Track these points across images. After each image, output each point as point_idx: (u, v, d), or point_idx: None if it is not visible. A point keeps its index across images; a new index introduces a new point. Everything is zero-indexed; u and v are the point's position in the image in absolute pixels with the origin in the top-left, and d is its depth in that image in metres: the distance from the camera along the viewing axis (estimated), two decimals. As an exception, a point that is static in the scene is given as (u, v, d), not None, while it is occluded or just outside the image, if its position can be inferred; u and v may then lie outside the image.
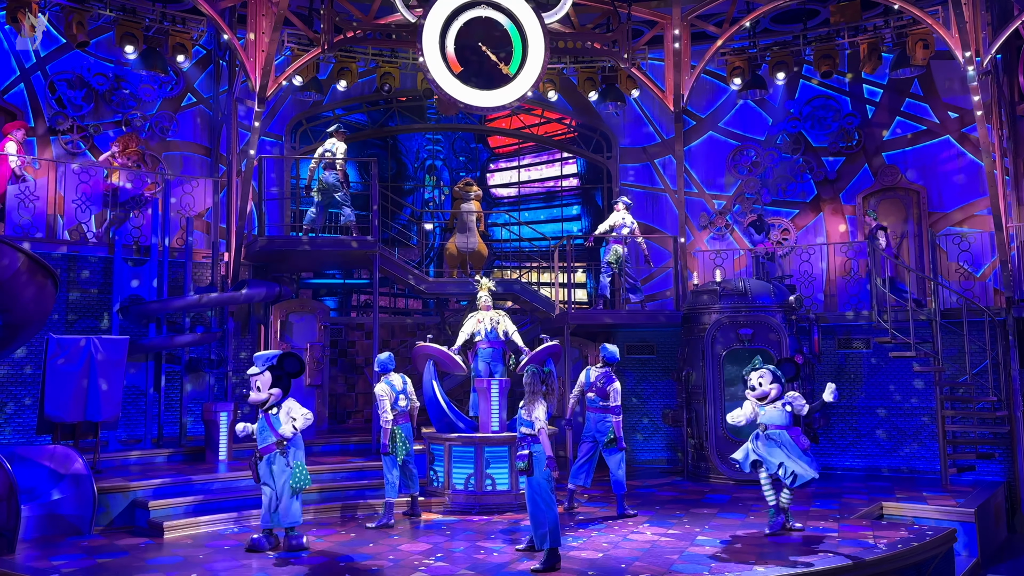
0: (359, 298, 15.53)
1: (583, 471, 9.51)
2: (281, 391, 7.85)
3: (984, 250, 12.69)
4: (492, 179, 16.49)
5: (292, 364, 7.89)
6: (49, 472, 8.47)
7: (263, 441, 7.79)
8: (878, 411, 12.47)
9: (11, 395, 10.85)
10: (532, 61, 12.45)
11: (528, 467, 7.01)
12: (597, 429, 9.43)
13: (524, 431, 7.21)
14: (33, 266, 7.97)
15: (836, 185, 14.08)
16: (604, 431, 9.34)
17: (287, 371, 7.87)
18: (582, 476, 9.51)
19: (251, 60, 12.43)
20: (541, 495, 7.03)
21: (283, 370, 7.86)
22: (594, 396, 9.45)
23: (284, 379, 7.86)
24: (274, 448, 7.72)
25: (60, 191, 12.09)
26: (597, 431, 9.43)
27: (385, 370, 9.23)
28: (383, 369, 9.25)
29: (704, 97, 14.71)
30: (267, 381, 7.80)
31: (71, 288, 11.25)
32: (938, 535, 7.96)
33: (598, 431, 9.42)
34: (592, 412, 9.52)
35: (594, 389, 9.43)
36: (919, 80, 13.57)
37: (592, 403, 9.50)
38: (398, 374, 9.30)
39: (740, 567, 6.95)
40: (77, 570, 6.93)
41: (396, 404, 9.02)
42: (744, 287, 11.91)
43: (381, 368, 9.28)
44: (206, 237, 13.30)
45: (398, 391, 9.09)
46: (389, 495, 8.98)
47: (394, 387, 9.08)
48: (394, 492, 9.00)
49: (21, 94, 12.54)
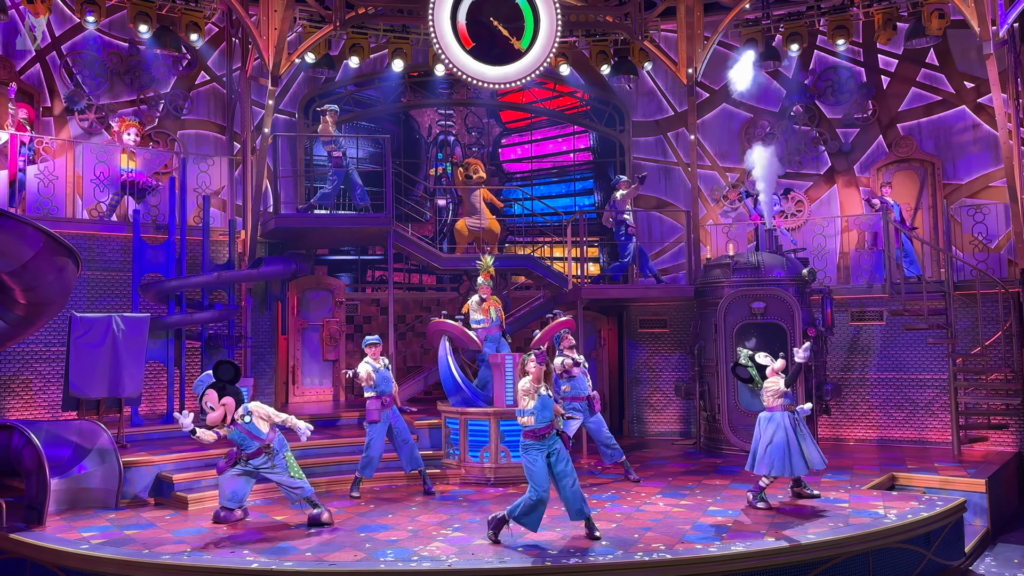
0: (374, 274, 15.67)
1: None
2: (232, 399, 7.72)
3: (999, 221, 12.64)
4: (504, 154, 16.51)
5: (226, 371, 7.76)
6: (76, 447, 8.69)
7: (249, 448, 7.84)
8: (891, 383, 12.53)
9: (37, 372, 11.10)
10: (544, 35, 12.43)
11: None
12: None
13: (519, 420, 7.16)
14: (54, 246, 8.14)
15: (850, 157, 14.01)
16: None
17: (224, 379, 7.74)
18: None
19: (264, 38, 12.47)
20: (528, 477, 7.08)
21: (222, 380, 7.73)
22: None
23: (227, 387, 7.73)
24: (261, 453, 7.83)
25: (79, 171, 12.25)
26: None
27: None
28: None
29: (718, 69, 14.62)
30: (214, 397, 7.69)
31: (92, 267, 11.44)
32: (948, 505, 8.06)
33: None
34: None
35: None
36: (935, 50, 13.44)
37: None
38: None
39: (751, 537, 7.08)
40: (106, 542, 7.15)
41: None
42: (757, 261, 11.94)
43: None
44: (222, 215, 13.44)
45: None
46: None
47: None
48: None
49: (37, 73, 12.66)
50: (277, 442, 7.91)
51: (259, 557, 6.62)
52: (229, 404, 7.67)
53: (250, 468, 7.89)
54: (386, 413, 9.21)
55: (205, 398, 7.70)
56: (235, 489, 7.91)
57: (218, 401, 7.65)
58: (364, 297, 15.20)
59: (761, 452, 8.24)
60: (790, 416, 8.27)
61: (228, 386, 7.70)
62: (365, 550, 6.82)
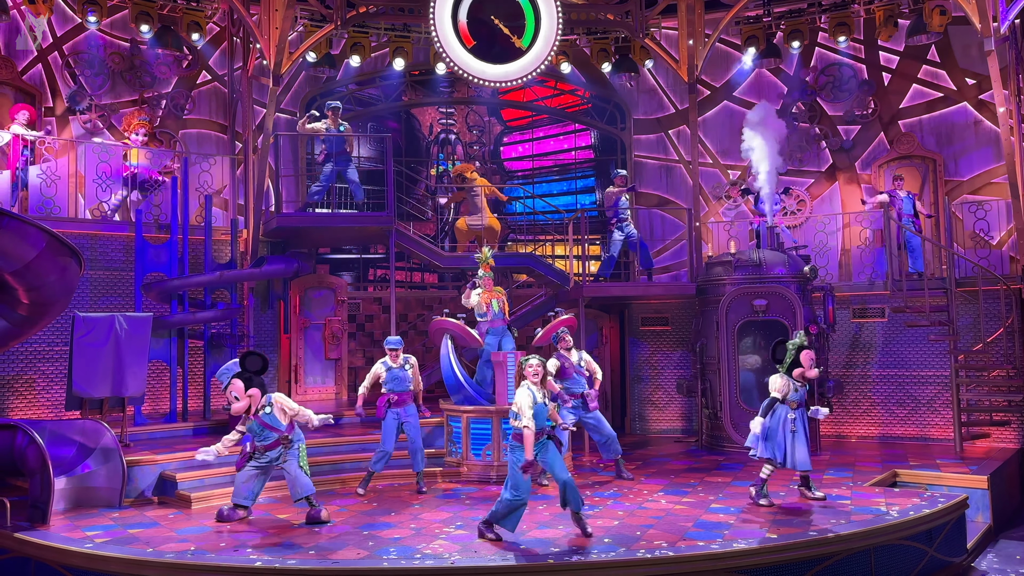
0: (376, 272, 15.69)
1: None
2: (258, 390, 7.87)
3: (1000, 218, 12.64)
4: (505, 152, 16.52)
5: (254, 362, 7.91)
6: (79, 446, 8.70)
7: (267, 439, 7.89)
8: (892, 380, 12.54)
9: (40, 372, 11.13)
10: (545, 33, 12.43)
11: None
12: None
13: (512, 423, 7.10)
14: (57, 246, 8.15)
15: (852, 154, 14.01)
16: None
17: (251, 370, 7.90)
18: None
19: (265, 37, 12.49)
20: (510, 477, 7.00)
21: (248, 371, 7.89)
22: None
23: (254, 378, 7.88)
24: (278, 444, 7.87)
25: (81, 170, 12.27)
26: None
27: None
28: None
29: (718, 66, 14.62)
30: (240, 387, 7.82)
31: (94, 266, 11.47)
32: (950, 502, 8.06)
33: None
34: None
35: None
36: (936, 47, 13.43)
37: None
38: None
39: (753, 534, 7.09)
40: (110, 540, 7.16)
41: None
42: (758, 258, 11.94)
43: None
44: (224, 214, 13.46)
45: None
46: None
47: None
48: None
49: (39, 73, 12.68)
50: (294, 435, 7.96)
51: (262, 555, 6.64)
52: (255, 395, 7.81)
53: (264, 462, 7.90)
54: (397, 411, 9.30)
55: (231, 387, 7.79)
56: (253, 487, 7.93)
57: (244, 392, 7.75)
58: (366, 296, 15.22)
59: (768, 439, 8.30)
60: (789, 411, 8.29)
61: (255, 377, 7.84)
62: (368, 548, 6.84)
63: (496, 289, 10.79)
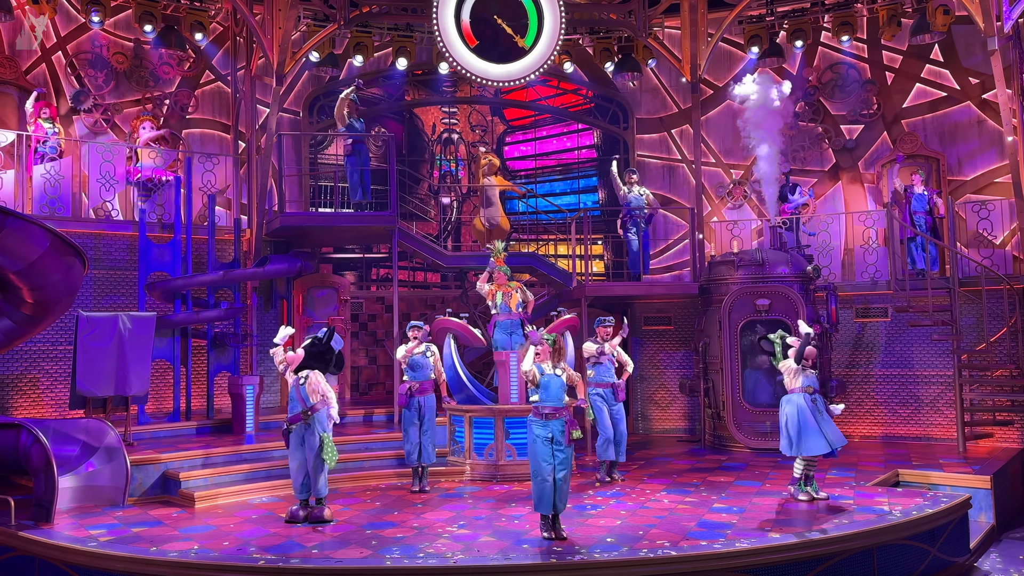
0: (379, 272, 15.70)
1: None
2: (305, 366, 7.91)
3: (1004, 217, 12.62)
4: (508, 152, 16.52)
5: (325, 352, 7.98)
6: (83, 445, 8.73)
7: (293, 410, 7.94)
8: (895, 379, 12.53)
9: (44, 371, 11.16)
10: (548, 33, 12.43)
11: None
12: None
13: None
14: (61, 245, 8.18)
15: (855, 153, 14.00)
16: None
17: (314, 351, 7.95)
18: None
19: (268, 37, 12.50)
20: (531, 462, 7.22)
21: (319, 347, 7.97)
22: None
23: (317, 357, 7.96)
24: (300, 418, 7.89)
25: (85, 170, 12.30)
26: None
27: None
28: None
29: (721, 66, 14.60)
30: (293, 355, 7.95)
31: (98, 266, 11.49)
32: (953, 502, 8.06)
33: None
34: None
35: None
36: (939, 46, 13.41)
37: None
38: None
39: (756, 534, 7.09)
40: (114, 539, 7.18)
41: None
42: (761, 257, 11.94)
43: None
44: (227, 214, 13.48)
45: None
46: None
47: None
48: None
49: (43, 73, 12.71)
50: (318, 417, 7.87)
51: (265, 554, 6.65)
52: (292, 360, 7.97)
53: (296, 440, 7.86)
54: (417, 400, 9.30)
55: (282, 349, 8.00)
56: (302, 480, 7.90)
57: (284, 354, 7.98)
58: (369, 295, 15.23)
59: (794, 434, 8.32)
60: (808, 397, 8.34)
61: (311, 359, 7.93)
62: (371, 547, 6.85)
63: (510, 284, 10.49)
